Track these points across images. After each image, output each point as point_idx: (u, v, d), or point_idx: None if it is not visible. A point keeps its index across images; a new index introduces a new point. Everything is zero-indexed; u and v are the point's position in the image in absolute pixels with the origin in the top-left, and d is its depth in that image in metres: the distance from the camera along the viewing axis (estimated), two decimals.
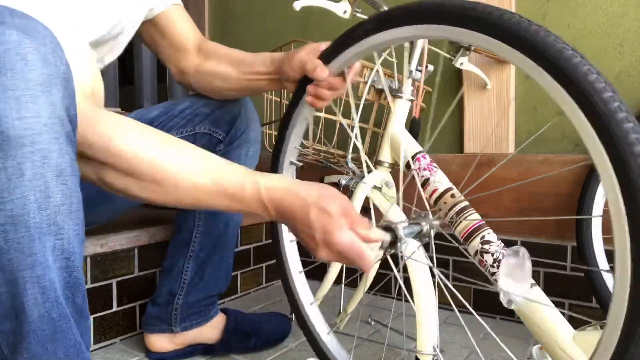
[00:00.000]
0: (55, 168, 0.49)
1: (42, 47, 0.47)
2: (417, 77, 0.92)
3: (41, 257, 0.49)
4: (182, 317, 0.95)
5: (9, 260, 0.48)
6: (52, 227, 0.50)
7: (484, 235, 0.77)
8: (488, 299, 1.22)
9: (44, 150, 0.48)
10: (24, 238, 0.48)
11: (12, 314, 0.50)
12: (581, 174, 1.07)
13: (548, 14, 1.13)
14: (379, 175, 0.92)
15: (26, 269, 0.49)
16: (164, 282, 0.95)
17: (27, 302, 0.50)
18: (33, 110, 0.47)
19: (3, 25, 0.46)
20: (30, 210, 0.48)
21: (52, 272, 0.51)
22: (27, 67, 0.46)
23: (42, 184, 0.48)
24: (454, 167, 1.26)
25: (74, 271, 0.53)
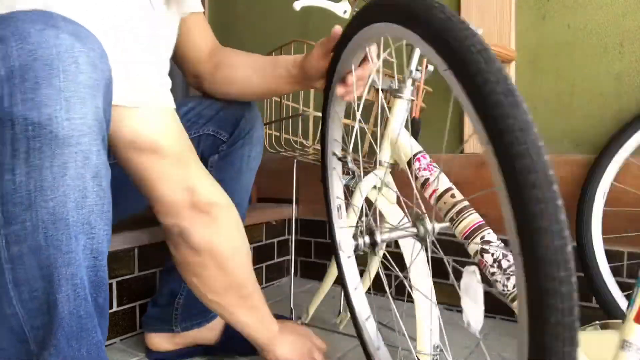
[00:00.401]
0: (93, 169, 0.51)
1: (91, 52, 0.49)
2: (417, 77, 0.92)
3: (76, 255, 0.51)
4: (183, 318, 0.95)
5: (47, 257, 0.50)
6: (86, 226, 0.51)
7: (484, 235, 0.77)
8: (488, 299, 1.22)
9: (86, 151, 0.50)
10: (62, 235, 0.50)
11: (45, 309, 0.51)
12: (581, 174, 1.07)
13: (548, 14, 1.13)
14: (379, 175, 0.92)
15: (62, 266, 0.50)
16: (165, 282, 0.95)
17: (60, 298, 0.51)
18: (80, 112, 0.48)
19: (57, 30, 0.47)
20: (69, 209, 0.50)
21: (82, 270, 0.52)
22: (79, 70, 0.48)
23: (81, 183, 0.50)
24: (454, 167, 1.26)
25: (99, 271, 0.55)
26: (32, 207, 0.48)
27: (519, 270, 0.38)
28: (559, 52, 1.12)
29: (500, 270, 0.75)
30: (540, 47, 1.14)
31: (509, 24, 1.16)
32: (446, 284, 1.28)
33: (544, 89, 1.14)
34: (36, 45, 0.46)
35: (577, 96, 1.10)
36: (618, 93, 1.06)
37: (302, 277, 1.57)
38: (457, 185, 0.83)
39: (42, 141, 0.47)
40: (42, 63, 0.46)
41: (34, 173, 0.47)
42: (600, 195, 1.00)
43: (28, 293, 0.50)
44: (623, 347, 0.64)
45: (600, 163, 1.00)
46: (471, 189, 1.23)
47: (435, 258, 1.29)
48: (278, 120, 1.05)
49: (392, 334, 1.10)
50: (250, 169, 0.96)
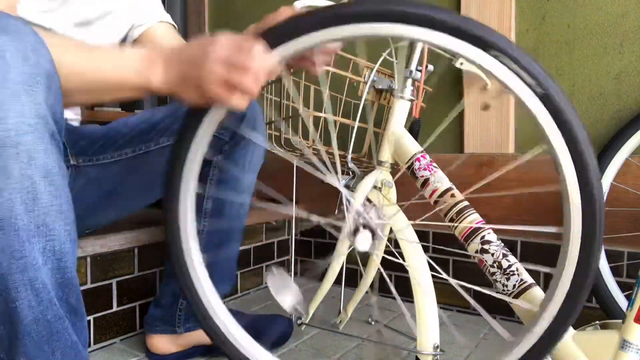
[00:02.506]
0: (42, 168, 0.48)
1: (20, 45, 0.45)
2: (417, 77, 0.92)
3: (32, 260, 0.49)
4: (187, 318, 0.95)
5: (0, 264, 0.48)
6: (42, 228, 0.49)
7: (484, 236, 0.77)
8: (488, 299, 1.22)
9: (30, 150, 0.47)
10: (13, 241, 0.47)
11: (6, 318, 0.50)
12: None
13: (548, 14, 1.13)
14: (379, 175, 0.92)
15: (17, 273, 0.48)
16: (168, 284, 0.95)
17: (20, 305, 0.49)
18: (16, 110, 0.45)
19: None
20: (17, 213, 0.47)
21: (43, 273, 0.50)
22: (7, 66, 0.44)
23: (30, 185, 0.47)
24: (454, 167, 1.26)
25: (66, 272, 0.53)
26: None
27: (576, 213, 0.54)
28: (559, 52, 1.12)
29: (500, 270, 0.75)
30: (540, 47, 1.14)
31: (509, 24, 1.16)
32: (446, 283, 1.28)
33: None
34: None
35: (577, 96, 1.10)
36: (618, 93, 1.06)
37: (302, 277, 1.57)
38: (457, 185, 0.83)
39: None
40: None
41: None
42: None
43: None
44: (623, 347, 0.64)
45: (600, 163, 1.00)
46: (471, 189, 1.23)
47: (436, 258, 1.30)
48: (277, 120, 1.05)
49: (392, 334, 1.10)
50: (253, 169, 0.96)
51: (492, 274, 0.76)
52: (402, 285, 1.36)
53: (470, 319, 1.22)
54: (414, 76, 0.92)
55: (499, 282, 0.75)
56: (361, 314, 1.22)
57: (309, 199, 1.54)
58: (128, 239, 1.04)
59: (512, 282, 0.73)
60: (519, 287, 0.73)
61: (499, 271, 0.75)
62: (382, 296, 1.39)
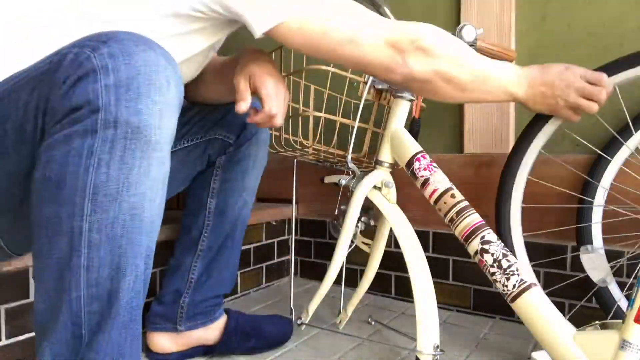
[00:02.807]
0: (165, 174, 0.57)
1: (176, 75, 0.56)
2: None
3: (141, 249, 0.56)
4: (188, 316, 0.95)
5: (119, 246, 0.54)
6: (151, 224, 0.56)
7: (484, 235, 0.77)
8: (488, 299, 1.22)
9: (164, 158, 0.56)
10: (135, 229, 0.55)
11: (106, 296, 0.55)
12: (582, 174, 1.07)
13: (548, 14, 1.13)
14: (379, 175, 0.92)
15: (131, 257, 0.55)
16: (171, 281, 0.96)
17: (122, 286, 0.55)
18: (168, 124, 0.55)
19: (156, 53, 0.55)
20: (145, 207, 0.55)
21: (142, 264, 0.56)
22: (169, 88, 0.55)
23: (156, 185, 0.56)
24: (454, 167, 1.26)
25: (147, 268, 0.58)
26: (117, 199, 0.53)
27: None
28: (559, 52, 1.12)
29: (500, 270, 0.75)
30: (540, 47, 1.14)
31: (509, 24, 1.16)
32: (446, 283, 1.28)
33: None
34: (140, 63, 0.53)
35: None
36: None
37: (302, 277, 1.57)
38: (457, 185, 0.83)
39: (137, 144, 0.53)
40: (144, 78, 0.53)
41: (126, 170, 0.53)
42: (600, 195, 1.00)
43: (95, 279, 0.54)
44: (623, 347, 0.64)
45: (601, 163, 1.00)
46: (471, 189, 1.23)
47: (436, 258, 1.30)
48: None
49: (393, 334, 1.10)
50: (256, 170, 0.98)
51: (492, 274, 0.76)
52: (403, 286, 1.36)
53: (470, 319, 1.22)
54: None
55: (499, 282, 0.75)
56: (361, 314, 1.23)
57: (309, 199, 1.55)
58: None
59: (512, 282, 0.73)
60: (519, 287, 0.73)
61: (499, 271, 0.75)
62: (382, 296, 1.39)
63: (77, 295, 0.54)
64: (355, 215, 0.91)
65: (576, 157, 1.09)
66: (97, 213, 0.53)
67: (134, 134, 0.53)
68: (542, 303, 0.71)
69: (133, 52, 0.53)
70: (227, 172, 0.95)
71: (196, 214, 0.96)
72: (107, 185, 0.53)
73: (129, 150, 0.53)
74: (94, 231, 0.53)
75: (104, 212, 0.53)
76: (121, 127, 0.52)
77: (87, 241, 0.53)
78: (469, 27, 0.99)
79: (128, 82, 0.52)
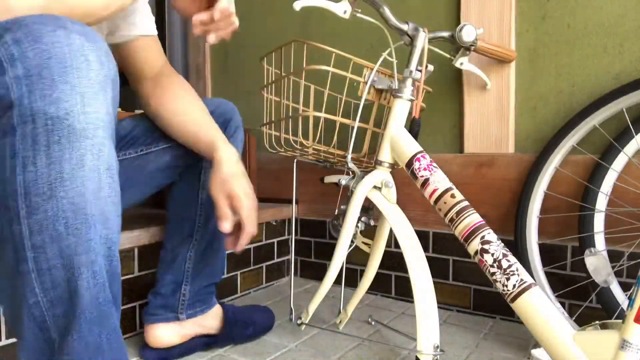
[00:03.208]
0: (106, 161, 0.53)
1: (99, 51, 0.52)
2: (417, 77, 0.92)
3: (94, 244, 0.53)
4: (189, 304, 0.97)
5: (68, 246, 0.51)
6: (102, 216, 0.53)
7: (484, 235, 0.77)
8: (488, 299, 1.22)
9: (100, 144, 0.52)
10: (82, 224, 0.52)
11: (67, 297, 0.53)
12: (582, 174, 1.07)
13: (548, 14, 1.13)
14: (379, 175, 0.92)
15: (82, 254, 0.52)
16: (167, 272, 0.97)
17: (80, 285, 0.53)
18: (94, 107, 0.51)
19: (67, 30, 0.50)
20: (87, 199, 0.52)
21: (100, 258, 0.54)
22: (89, 67, 0.51)
23: (97, 175, 0.52)
24: (454, 167, 1.26)
25: (113, 260, 0.56)
26: (53, 197, 0.50)
27: None
28: (559, 52, 1.12)
29: (500, 270, 0.75)
30: (540, 47, 1.15)
31: (509, 24, 1.16)
32: (446, 283, 1.28)
33: (544, 88, 1.14)
34: (49, 46, 0.49)
35: (577, 96, 1.10)
36: None
37: (302, 277, 1.57)
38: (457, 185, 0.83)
39: (60, 134, 0.49)
40: (56, 61, 0.49)
41: (54, 165, 0.50)
42: (602, 196, 1.00)
43: (50, 282, 0.52)
44: (623, 347, 0.64)
45: (601, 164, 1.01)
46: (471, 189, 1.23)
47: (436, 258, 1.30)
48: (278, 120, 1.05)
49: (392, 334, 1.10)
50: None
51: (492, 274, 0.76)
52: (403, 286, 1.36)
53: (470, 318, 1.22)
54: (414, 76, 0.92)
55: (499, 281, 0.75)
56: (361, 314, 1.23)
57: (309, 199, 1.55)
58: (128, 239, 1.04)
59: (512, 282, 0.74)
60: (519, 287, 0.73)
61: (499, 271, 0.75)
62: (382, 296, 1.39)
63: (35, 301, 0.52)
64: (355, 215, 0.91)
65: (576, 158, 1.09)
66: (34, 214, 0.50)
67: (55, 124, 0.49)
68: (542, 303, 0.71)
69: (40, 34, 0.48)
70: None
71: (188, 205, 0.97)
72: (38, 184, 0.49)
73: (54, 144, 0.49)
74: (35, 233, 0.50)
75: (42, 213, 0.50)
76: (40, 119, 0.48)
77: (30, 245, 0.51)
78: (469, 27, 0.99)
79: (39, 69, 0.48)
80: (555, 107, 1.13)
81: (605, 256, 0.79)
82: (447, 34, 1.00)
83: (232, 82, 1.76)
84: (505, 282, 0.74)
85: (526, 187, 1.09)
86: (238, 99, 1.73)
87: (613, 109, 0.99)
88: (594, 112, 1.01)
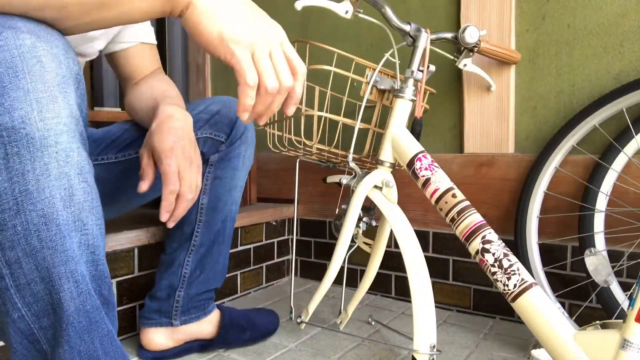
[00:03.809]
0: (76, 166, 0.50)
1: (54, 49, 0.48)
2: (418, 78, 0.92)
3: (72, 253, 0.51)
4: (183, 310, 0.96)
5: (44, 258, 0.50)
6: (77, 223, 0.51)
7: (484, 235, 0.77)
8: (488, 299, 1.22)
9: (66, 149, 0.49)
10: (55, 236, 0.50)
11: (50, 309, 0.52)
12: (582, 174, 1.07)
13: (548, 14, 1.13)
14: (380, 174, 0.92)
15: (60, 265, 0.50)
16: (164, 276, 0.96)
17: (63, 296, 0.51)
18: (53, 111, 0.48)
19: (16, 30, 0.46)
20: (58, 209, 0.49)
21: (81, 266, 0.52)
22: (44, 69, 0.47)
23: (66, 182, 0.50)
24: (454, 167, 1.26)
25: (99, 264, 0.55)
26: (20, 212, 0.48)
27: None
28: (559, 52, 1.12)
29: (501, 269, 0.75)
30: (540, 47, 1.15)
31: (509, 24, 1.17)
32: (446, 283, 1.28)
33: (544, 88, 1.14)
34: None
35: (577, 96, 1.11)
36: None
37: (302, 277, 1.57)
38: (457, 185, 0.83)
39: (19, 145, 0.46)
40: (5, 67, 0.45)
41: (17, 178, 0.47)
42: (602, 196, 1.00)
43: (31, 296, 0.51)
44: (624, 347, 0.64)
45: (601, 164, 1.01)
46: (471, 189, 1.23)
47: (436, 258, 1.30)
48: (281, 120, 1.05)
49: (392, 334, 1.10)
50: (245, 168, 0.99)
51: (493, 274, 0.76)
52: (403, 286, 1.36)
53: (470, 318, 1.22)
54: (416, 76, 0.92)
55: (500, 281, 0.75)
56: (361, 314, 1.23)
57: (309, 199, 1.55)
58: (128, 239, 1.04)
59: (513, 282, 0.74)
60: (519, 287, 0.73)
61: (499, 270, 0.75)
62: (383, 296, 1.39)
63: (19, 315, 0.51)
64: (355, 214, 0.91)
65: (576, 158, 1.09)
66: (3, 231, 0.48)
67: (12, 135, 0.45)
68: (543, 303, 0.71)
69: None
70: (219, 170, 0.96)
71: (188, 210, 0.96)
72: (2, 200, 0.47)
73: (13, 156, 0.46)
74: (7, 250, 0.48)
75: (11, 229, 0.48)
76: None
77: (4, 261, 0.49)
78: (472, 29, 0.99)
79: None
80: (555, 107, 1.13)
81: (605, 256, 0.79)
82: (450, 35, 1.00)
83: (232, 82, 1.76)
84: (506, 282, 0.75)
85: (526, 187, 1.09)
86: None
87: (613, 109, 0.99)
88: (594, 112, 1.01)
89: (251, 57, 0.56)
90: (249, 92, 0.56)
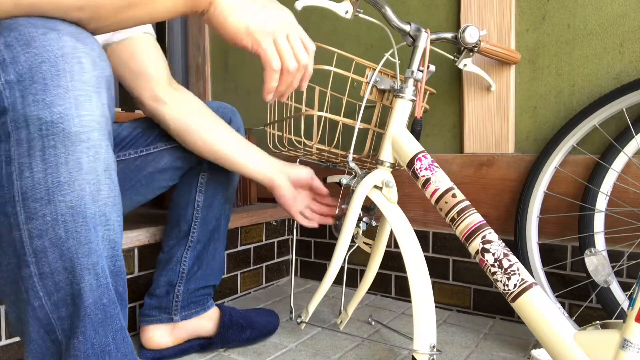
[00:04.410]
0: (104, 163, 0.54)
1: (92, 52, 0.52)
2: (418, 78, 0.92)
3: (95, 246, 0.53)
4: (183, 305, 0.97)
5: (68, 249, 0.52)
6: (102, 217, 0.54)
7: (484, 235, 0.77)
8: (488, 299, 1.22)
9: (97, 146, 0.52)
10: (81, 227, 0.52)
11: (70, 299, 0.53)
12: (582, 174, 1.07)
13: (548, 14, 1.13)
14: (380, 174, 0.92)
15: (83, 257, 0.53)
16: (162, 274, 0.97)
17: (83, 287, 0.53)
18: (88, 109, 0.51)
19: (59, 32, 0.50)
20: (86, 202, 0.52)
21: (102, 260, 0.55)
22: (82, 69, 0.50)
23: (94, 177, 0.53)
24: (454, 167, 1.26)
25: (117, 260, 0.57)
26: (51, 202, 0.50)
27: None
28: (559, 52, 1.12)
29: (501, 269, 0.75)
30: (540, 47, 1.15)
31: (509, 24, 1.17)
32: (446, 283, 1.28)
33: (544, 88, 1.14)
34: (41, 49, 0.48)
35: (577, 96, 1.11)
36: None
37: (302, 277, 1.57)
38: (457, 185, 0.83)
39: (55, 139, 0.49)
40: (48, 65, 0.49)
41: (51, 169, 0.50)
42: (602, 196, 1.00)
43: (53, 285, 0.52)
44: (624, 347, 0.64)
45: (601, 164, 1.01)
46: (471, 189, 1.23)
47: (436, 258, 1.30)
48: (281, 120, 1.05)
49: (392, 334, 1.10)
50: None
51: (493, 274, 0.76)
52: (403, 286, 1.36)
53: (470, 318, 1.22)
54: (416, 76, 0.92)
55: (500, 281, 0.75)
56: (361, 314, 1.23)
57: None
58: (128, 239, 1.04)
59: (513, 282, 0.74)
60: (519, 287, 0.73)
61: (499, 270, 0.75)
62: (383, 296, 1.39)
63: (40, 304, 0.53)
64: (355, 214, 0.91)
65: (576, 158, 1.09)
66: (33, 220, 0.50)
67: (50, 129, 0.49)
68: (543, 302, 0.71)
69: (32, 37, 0.48)
70: (214, 169, 0.97)
71: (185, 207, 0.97)
72: (35, 189, 0.50)
73: (49, 149, 0.49)
74: (35, 238, 0.51)
75: (40, 218, 0.50)
76: (33, 124, 0.49)
77: (31, 250, 0.51)
78: (472, 29, 0.99)
79: (31, 73, 0.48)
80: (555, 107, 1.13)
81: (605, 256, 0.79)
82: (450, 35, 1.00)
83: (232, 82, 1.76)
84: (506, 282, 0.75)
85: (526, 187, 1.09)
86: (238, 99, 1.73)
87: (613, 109, 0.99)
88: (594, 112, 1.01)
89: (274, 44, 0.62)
90: (274, 76, 0.63)
